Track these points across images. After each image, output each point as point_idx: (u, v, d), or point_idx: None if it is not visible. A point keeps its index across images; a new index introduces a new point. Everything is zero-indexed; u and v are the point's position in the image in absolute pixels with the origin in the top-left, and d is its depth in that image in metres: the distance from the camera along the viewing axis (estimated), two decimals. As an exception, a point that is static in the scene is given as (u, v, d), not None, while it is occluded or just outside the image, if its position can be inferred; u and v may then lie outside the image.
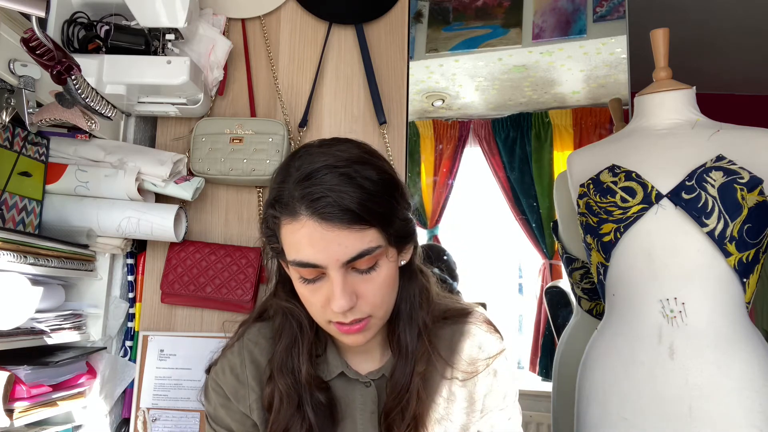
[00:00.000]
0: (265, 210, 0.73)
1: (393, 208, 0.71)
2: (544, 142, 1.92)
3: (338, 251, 0.66)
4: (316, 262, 0.67)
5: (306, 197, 0.66)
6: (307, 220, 0.66)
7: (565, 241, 1.54)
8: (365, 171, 0.68)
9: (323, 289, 0.69)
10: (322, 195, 0.65)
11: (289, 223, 0.68)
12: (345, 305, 0.67)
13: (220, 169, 1.29)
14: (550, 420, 1.57)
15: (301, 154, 0.71)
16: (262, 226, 0.75)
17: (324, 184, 0.66)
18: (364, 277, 0.69)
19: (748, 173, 1.03)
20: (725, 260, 1.02)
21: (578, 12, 1.84)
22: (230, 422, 0.82)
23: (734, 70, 3.05)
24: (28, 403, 1.01)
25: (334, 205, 0.65)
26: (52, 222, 1.19)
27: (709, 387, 1.00)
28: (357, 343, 0.75)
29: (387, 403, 0.79)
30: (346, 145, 0.72)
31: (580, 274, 1.49)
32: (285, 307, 0.80)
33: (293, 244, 0.68)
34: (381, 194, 0.69)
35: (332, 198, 0.65)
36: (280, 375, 0.78)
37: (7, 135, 1.08)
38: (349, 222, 0.65)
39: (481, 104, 2.00)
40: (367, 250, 0.67)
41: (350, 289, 0.68)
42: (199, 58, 1.35)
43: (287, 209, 0.67)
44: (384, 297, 0.72)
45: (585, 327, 1.46)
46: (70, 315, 1.17)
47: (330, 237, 0.65)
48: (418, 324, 0.79)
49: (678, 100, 1.16)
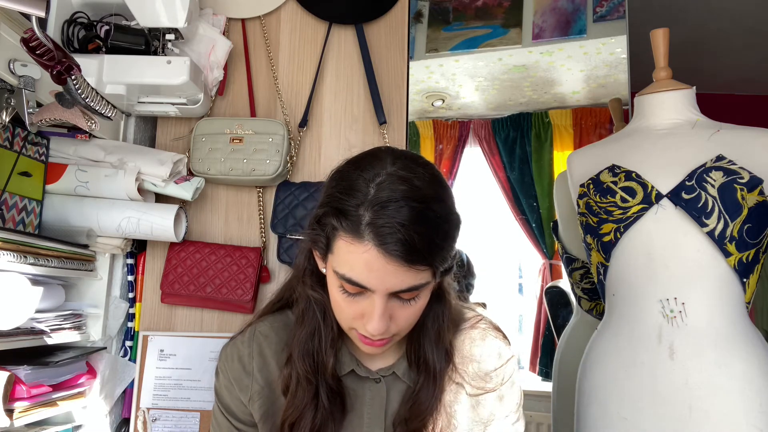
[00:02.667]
0: (323, 214, 0.71)
1: (452, 249, 0.71)
2: (544, 142, 1.92)
3: (392, 283, 0.67)
4: (368, 286, 0.67)
5: (377, 226, 0.64)
6: (372, 248, 0.65)
7: (565, 241, 1.54)
8: (440, 210, 0.68)
9: (361, 304, 0.70)
10: (394, 231, 0.64)
11: (351, 243, 0.66)
12: (381, 329, 0.69)
13: (220, 169, 1.29)
14: (550, 420, 1.57)
15: (377, 169, 0.69)
16: (313, 223, 0.74)
17: (397, 218, 0.64)
18: (402, 304, 0.71)
19: (748, 173, 1.03)
20: (725, 260, 1.02)
21: (578, 12, 1.84)
22: (230, 403, 0.84)
23: (734, 70, 3.05)
24: (28, 403, 1.01)
25: (404, 243, 0.64)
26: (52, 222, 1.19)
27: (709, 387, 1.00)
28: (373, 354, 0.78)
29: (404, 412, 0.80)
30: (424, 174, 0.69)
31: (580, 274, 1.49)
32: (312, 296, 0.80)
33: (349, 262, 0.67)
34: (447, 237, 0.69)
35: (403, 236, 0.64)
36: (301, 359, 0.79)
37: (7, 135, 1.08)
38: (412, 262, 0.65)
39: (481, 104, 2.00)
40: (418, 285, 0.68)
41: (388, 314, 0.69)
42: (199, 58, 1.35)
43: (353, 228, 0.66)
44: (414, 322, 0.75)
45: (585, 327, 1.46)
46: (70, 315, 1.17)
47: (389, 269, 0.65)
48: (445, 345, 0.81)
49: (678, 100, 1.16)
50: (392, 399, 0.82)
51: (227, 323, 1.33)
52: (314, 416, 0.77)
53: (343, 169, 0.73)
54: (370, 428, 0.81)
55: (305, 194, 1.29)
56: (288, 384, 0.79)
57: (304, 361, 0.78)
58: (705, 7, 2.48)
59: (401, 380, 0.83)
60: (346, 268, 0.68)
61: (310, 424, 0.77)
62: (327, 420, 0.78)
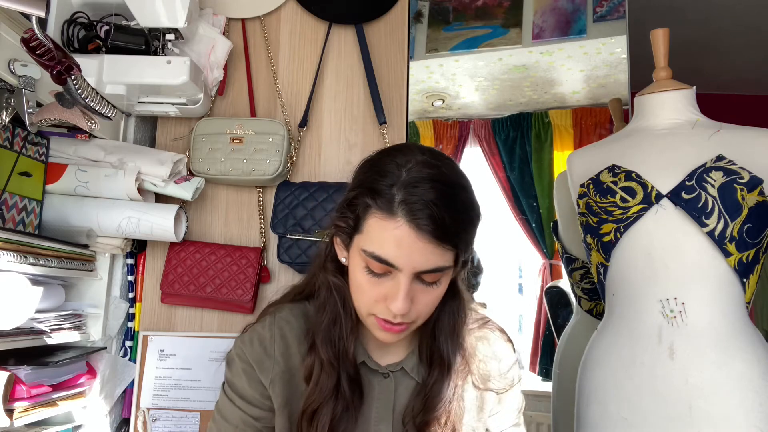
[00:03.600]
0: (356, 196, 0.74)
1: (473, 238, 0.75)
2: (544, 142, 1.91)
3: (419, 261, 0.69)
4: (396, 264, 0.70)
5: (409, 203, 0.68)
6: (404, 224, 0.68)
7: (565, 241, 1.54)
8: (464, 197, 0.73)
9: (385, 285, 0.72)
10: (425, 207, 0.68)
11: (383, 219, 0.70)
12: (404, 309, 0.70)
13: (220, 169, 1.29)
14: (550, 420, 1.56)
15: (408, 156, 0.73)
16: (342, 206, 0.77)
17: (428, 197, 0.68)
18: (425, 288, 0.73)
19: (748, 173, 1.03)
20: (725, 260, 1.02)
21: (578, 12, 1.84)
22: (246, 387, 0.82)
23: (734, 70, 3.05)
24: (28, 403, 1.01)
25: (434, 220, 0.68)
26: (52, 222, 1.19)
27: (709, 387, 1.00)
28: (389, 341, 0.78)
29: (416, 406, 0.81)
30: (449, 164, 0.75)
31: (580, 274, 1.49)
32: (333, 282, 0.82)
33: (379, 239, 0.70)
34: (472, 223, 0.74)
35: (433, 212, 0.68)
36: (324, 346, 0.79)
37: (7, 135, 1.08)
38: (440, 240, 0.69)
39: (481, 104, 2.00)
40: (442, 267, 0.71)
41: (411, 295, 0.71)
42: (199, 58, 1.35)
43: (386, 206, 0.70)
44: (432, 309, 0.77)
45: (585, 327, 1.45)
46: (70, 315, 1.17)
47: (418, 246, 0.69)
48: (460, 340, 0.83)
49: (678, 100, 1.16)
50: (400, 395, 0.83)
51: (227, 323, 1.33)
52: (335, 404, 0.78)
53: (373, 158, 0.77)
54: (377, 423, 0.82)
55: (305, 194, 1.29)
56: (311, 371, 0.80)
57: (327, 348, 0.79)
58: (705, 6, 2.48)
59: (409, 376, 0.84)
60: (376, 245, 0.70)
61: (331, 412, 0.78)
62: (346, 408, 0.79)
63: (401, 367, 0.84)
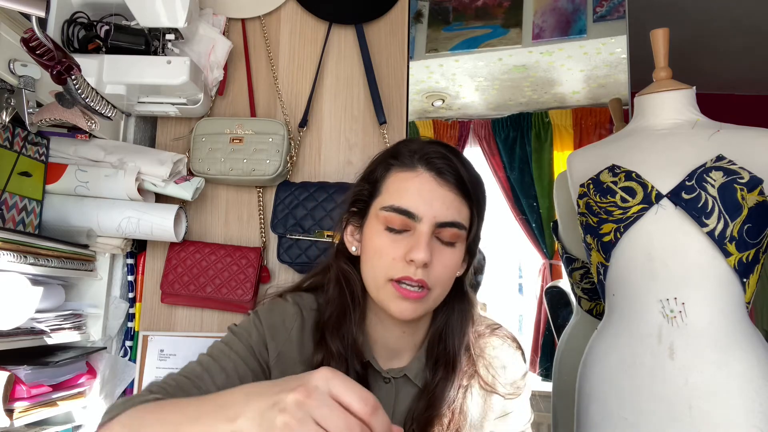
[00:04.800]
0: (374, 168, 0.80)
1: (484, 208, 0.80)
2: (544, 142, 1.92)
3: (440, 209, 0.73)
4: (416, 212, 0.73)
5: (427, 156, 0.75)
6: (424, 172, 0.74)
7: (565, 241, 1.54)
8: (477, 171, 0.79)
9: (404, 242, 0.74)
10: (443, 158, 0.75)
11: (403, 172, 0.76)
12: (425, 257, 0.71)
13: (220, 169, 1.29)
14: (550, 420, 1.57)
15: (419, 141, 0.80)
16: (360, 182, 0.82)
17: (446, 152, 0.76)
18: (442, 249, 0.75)
19: (748, 173, 1.03)
20: (725, 260, 1.02)
21: (578, 12, 1.84)
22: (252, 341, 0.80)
23: (734, 70, 3.05)
24: (28, 403, 1.01)
25: (452, 167, 0.74)
26: (52, 222, 1.19)
27: (709, 387, 1.00)
28: (404, 315, 0.74)
29: (420, 407, 0.80)
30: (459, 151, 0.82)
31: (580, 274, 1.49)
32: (343, 270, 0.83)
33: (399, 190, 0.75)
34: (483, 192, 0.80)
35: (452, 164, 0.75)
36: (332, 338, 0.79)
37: (7, 135, 1.08)
38: (458, 188, 0.75)
39: (481, 104, 2.00)
40: (460, 223, 0.75)
41: (430, 249, 0.73)
42: (199, 58, 1.35)
43: (407, 162, 0.76)
44: (448, 276, 0.77)
45: (585, 327, 1.45)
46: (70, 315, 1.17)
47: (438, 193, 0.73)
48: (466, 340, 0.83)
49: (678, 100, 1.16)
50: (401, 401, 0.82)
51: (227, 323, 1.32)
52: None
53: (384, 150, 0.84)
54: None
55: (305, 194, 1.29)
56: (320, 363, 0.78)
57: (336, 341, 0.79)
58: (705, 7, 2.48)
59: (412, 383, 0.82)
60: (395, 198, 0.74)
61: None
62: None
63: (404, 374, 0.83)
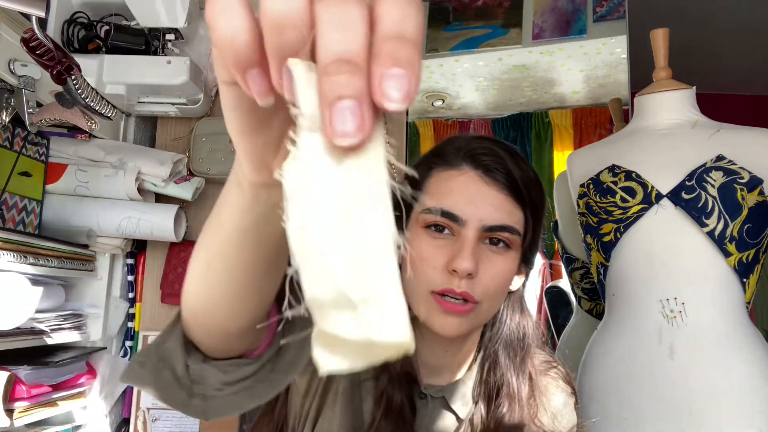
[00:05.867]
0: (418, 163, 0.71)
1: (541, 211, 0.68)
2: (544, 142, 1.91)
3: (487, 211, 0.63)
4: (460, 214, 0.63)
5: (473, 152, 0.65)
6: (469, 170, 0.64)
7: (565, 241, 1.54)
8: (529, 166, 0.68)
9: (447, 247, 0.63)
10: (490, 153, 0.64)
11: (446, 170, 0.66)
12: (469, 267, 0.61)
13: (221, 169, 1.29)
14: (550, 420, 1.56)
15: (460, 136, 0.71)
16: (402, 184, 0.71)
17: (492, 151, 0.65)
18: (491, 255, 0.64)
19: (748, 173, 1.03)
20: (725, 260, 1.02)
21: (578, 12, 1.84)
22: None
23: (734, 70, 3.04)
24: (28, 403, 1.01)
25: (501, 164, 0.64)
26: (52, 222, 1.19)
27: (709, 387, 1.00)
28: (447, 331, 0.64)
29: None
30: None
31: (580, 274, 1.49)
32: None
33: (442, 191, 0.65)
34: (538, 188, 0.67)
35: (499, 159, 0.64)
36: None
37: (7, 135, 1.08)
38: (508, 189, 0.64)
39: (481, 104, 2.00)
40: (511, 227, 0.64)
41: (476, 257, 0.62)
42: (199, 58, 1.35)
43: (449, 159, 0.66)
44: (498, 290, 0.66)
45: (585, 327, 1.45)
46: (70, 315, 1.17)
47: (485, 193, 0.63)
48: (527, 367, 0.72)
49: (678, 100, 1.16)
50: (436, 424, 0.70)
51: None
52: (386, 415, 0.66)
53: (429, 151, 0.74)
54: None
55: (305, 194, 1.29)
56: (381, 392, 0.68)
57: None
58: (705, 7, 2.48)
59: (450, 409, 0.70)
60: (437, 198, 0.65)
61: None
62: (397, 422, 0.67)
63: (442, 396, 0.70)
